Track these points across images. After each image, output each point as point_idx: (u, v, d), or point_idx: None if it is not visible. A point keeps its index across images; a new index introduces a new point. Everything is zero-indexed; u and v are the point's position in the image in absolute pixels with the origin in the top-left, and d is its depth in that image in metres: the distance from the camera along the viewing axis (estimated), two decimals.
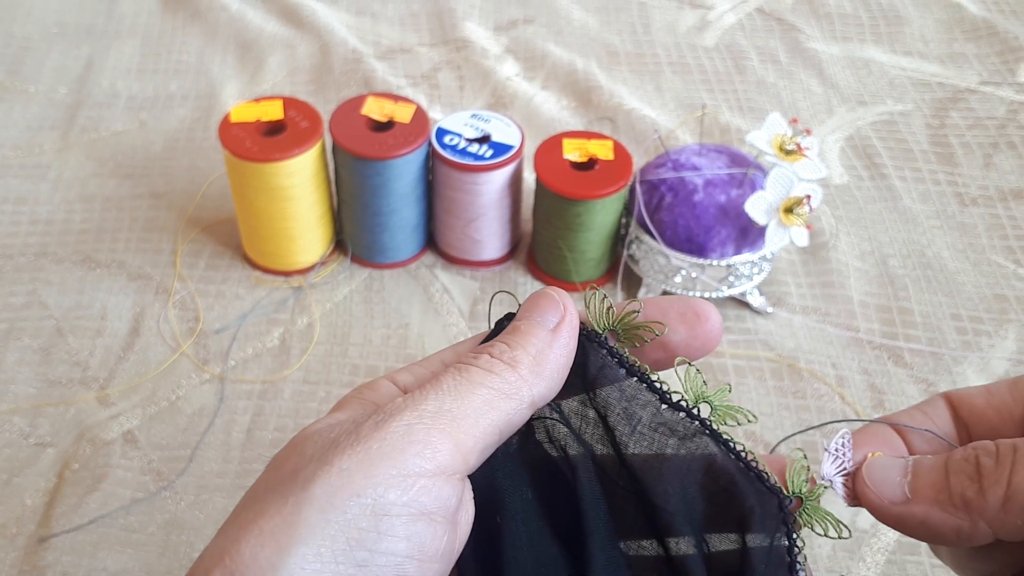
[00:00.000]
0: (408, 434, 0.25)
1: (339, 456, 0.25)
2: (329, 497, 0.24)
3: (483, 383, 0.27)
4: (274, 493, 0.24)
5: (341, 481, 0.24)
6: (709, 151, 0.64)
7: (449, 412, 0.26)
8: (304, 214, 0.64)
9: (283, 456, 0.27)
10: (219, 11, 0.90)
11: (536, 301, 0.31)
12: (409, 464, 0.25)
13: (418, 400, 0.26)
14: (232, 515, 0.25)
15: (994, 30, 0.91)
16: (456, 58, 0.86)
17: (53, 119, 0.79)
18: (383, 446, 0.25)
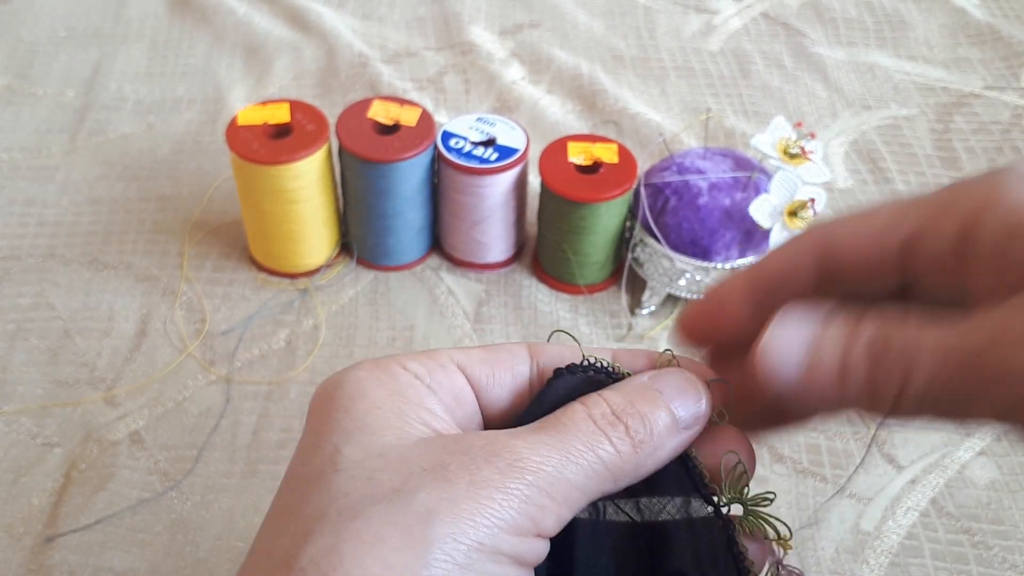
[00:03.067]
0: (529, 499, 0.25)
1: (458, 495, 0.25)
2: (453, 536, 0.24)
3: (600, 453, 0.27)
4: (384, 515, 0.24)
5: (464, 526, 0.24)
6: (713, 154, 0.64)
7: (565, 480, 0.26)
8: (310, 216, 0.64)
9: (361, 458, 0.26)
10: (226, 15, 0.91)
11: (680, 383, 0.30)
12: (524, 525, 0.25)
13: (542, 458, 0.26)
14: (313, 518, 0.25)
15: (998, 35, 0.91)
16: (462, 62, 0.87)
17: (61, 122, 0.79)
18: (506, 498, 0.25)
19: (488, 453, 0.26)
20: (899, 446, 0.58)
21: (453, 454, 0.26)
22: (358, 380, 0.28)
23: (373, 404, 0.27)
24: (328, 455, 0.26)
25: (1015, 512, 0.55)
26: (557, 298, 0.66)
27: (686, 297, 0.64)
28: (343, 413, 0.27)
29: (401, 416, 0.27)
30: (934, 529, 0.54)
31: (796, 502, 0.55)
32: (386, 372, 0.28)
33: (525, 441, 0.26)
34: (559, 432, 0.27)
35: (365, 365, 0.29)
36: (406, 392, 0.28)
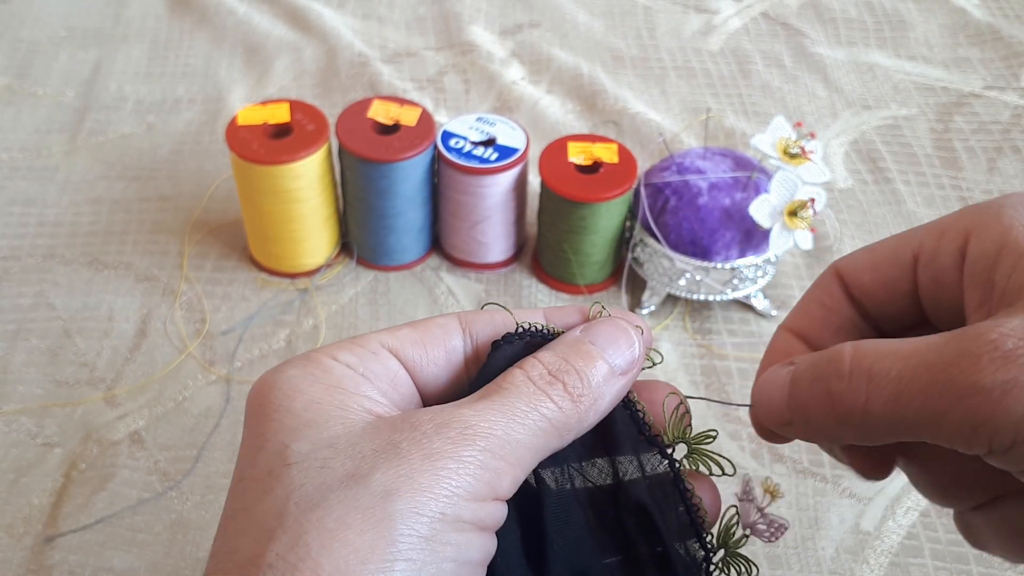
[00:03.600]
0: (483, 464, 0.26)
1: (414, 470, 0.25)
2: (414, 511, 0.24)
3: (543, 412, 0.28)
4: (344, 500, 0.24)
5: (423, 499, 0.25)
6: (713, 154, 0.64)
7: (515, 442, 0.27)
8: (310, 216, 0.64)
9: (310, 450, 0.26)
10: (226, 15, 0.91)
11: (611, 332, 0.31)
12: (482, 491, 0.26)
13: (490, 424, 0.27)
14: (272, 514, 0.25)
15: (998, 35, 0.91)
16: (462, 62, 0.87)
17: (61, 122, 0.79)
18: (461, 466, 0.26)
19: (437, 426, 0.26)
20: None
21: (402, 431, 0.26)
22: (292, 378, 0.28)
23: (311, 399, 0.28)
24: (276, 452, 0.26)
25: None
26: (557, 298, 0.66)
27: (686, 297, 0.64)
28: (283, 412, 0.27)
29: (342, 407, 0.27)
30: (934, 529, 0.54)
31: (796, 502, 0.55)
32: (318, 366, 0.29)
33: (472, 409, 0.27)
34: (502, 396, 0.28)
35: (295, 362, 0.29)
36: (342, 383, 0.28)
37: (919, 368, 0.25)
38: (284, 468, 0.26)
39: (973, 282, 0.27)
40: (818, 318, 0.32)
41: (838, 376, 0.27)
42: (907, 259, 0.30)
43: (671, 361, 0.63)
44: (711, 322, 0.65)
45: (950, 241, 0.28)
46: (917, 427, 0.25)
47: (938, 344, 0.25)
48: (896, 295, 0.30)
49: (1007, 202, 0.27)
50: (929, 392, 0.25)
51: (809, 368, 0.28)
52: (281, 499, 0.25)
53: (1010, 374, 0.23)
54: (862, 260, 0.31)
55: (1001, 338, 0.24)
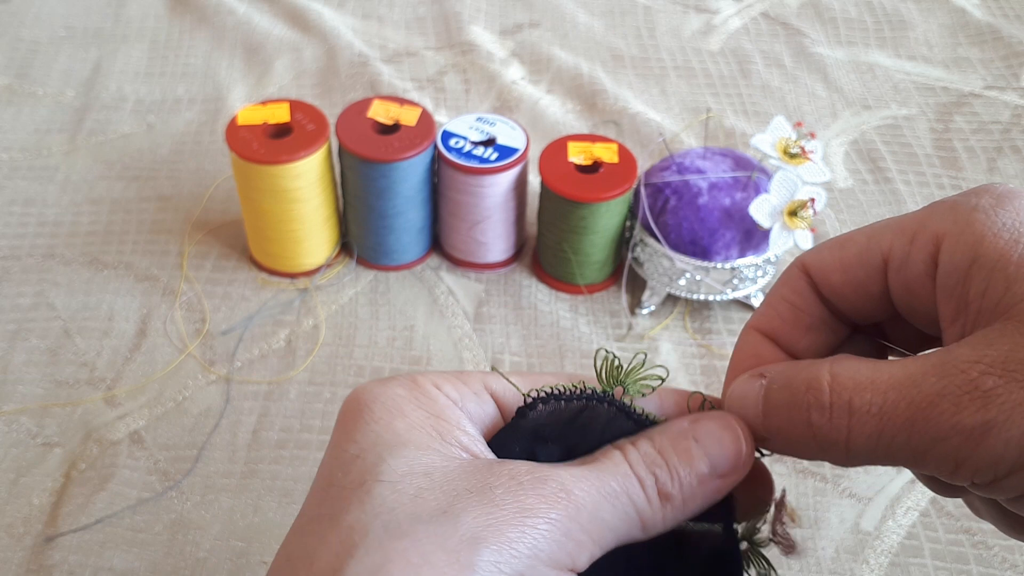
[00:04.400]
0: (569, 532, 0.25)
1: (504, 521, 0.25)
2: (496, 565, 0.24)
3: (633, 498, 0.27)
4: (431, 536, 0.24)
5: (508, 554, 0.24)
6: (713, 154, 0.64)
7: (602, 522, 0.26)
8: (310, 216, 0.64)
9: (405, 472, 0.26)
10: (226, 15, 0.91)
11: (717, 430, 0.29)
12: (562, 560, 0.25)
13: (584, 492, 0.26)
14: (357, 531, 0.24)
15: (998, 35, 0.91)
16: (462, 61, 0.87)
17: (61, 122, 0.79)
18: (550, 529, 0.25)
19: (534, 480, 0.26)
20: None
21: (499, 477, 0.26)
22: (396, 396, 0.28)
23: (413, 422, 0.27)
24: (370, 465, 0.26)
25: None
26: (557, 298, 0.66)
27: (686, 297, 0.64)
28: (383, 426, 0.27)
29: (441, 437, 0.27)
30: (934, 529, 0.54)
31: (796, 502, 0.55)
32: (424, 392, 0.28)
33: (569, 473, 0.26)
34: (597, 471, 0.27)
35: (402, 382, 0.29)
36: (444, 414, 0.28)
37: (900, 404, 0.25)
38: (377, 484, 0.25)
39: (946, 295, 0.27)
40: (788, 317, 0.31)
41: (819, 408, 0.26)
42: (877, 262, 0.29)
43: (671, 361, 0.63)
44: (711, 322, 0.65)
45: (921, 248, 0.28)
46: (899, 460, 0.26)
47: (917, 377, 0.25)
48: (867, 296, 0.29)
49: (980, 204, 0.27)
50: (911, 430, 0.25)
51: (785, 391, 0.28)
52: (368, 517, 0.25)
53: (990, 414, 0.23)
54: (830, 259, 0.30)
55: (981, 377, 0.24)
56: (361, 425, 0.27)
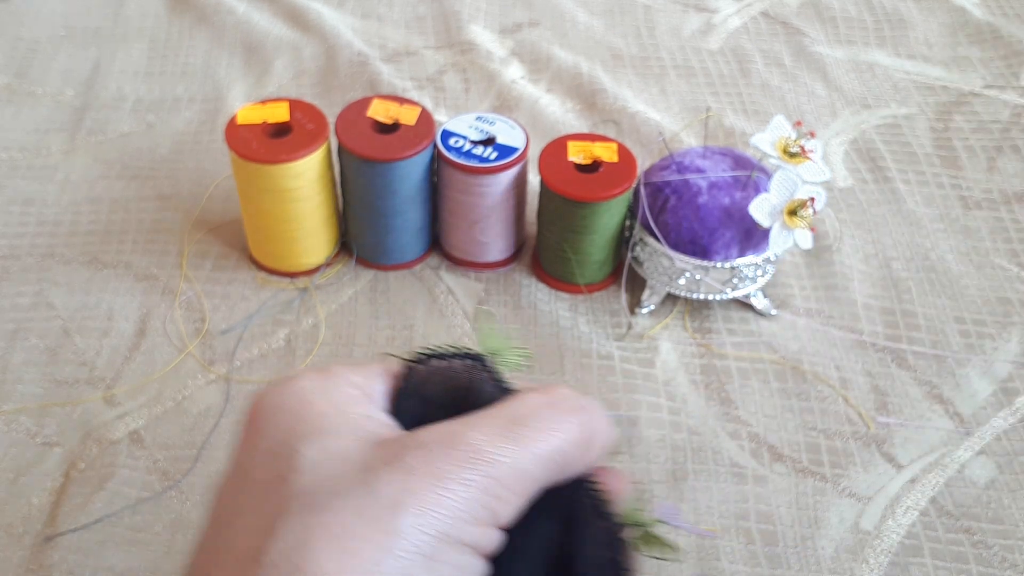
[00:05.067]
0: (487, 490, 0.26)
1: (420, 487, 0.25)
2: (419, 527, 0.24)
3: (555, 443, 0.28)
4: (351, 507, 0.25)
5: (429, 517, 0.25)
6: (713, 154, 0.64)
7: (521, 471, 0.27)
8: (310, 216, 0.64)
9: (321, 459, 0.26)
10: (225, 14, 0.91)
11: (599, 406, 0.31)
12: (484, 516, 0.26)
13: (498, 450, 0.27)
14: (275, 515, 0.25)
15: (998, 34, 0.91)
16: (461, 61, 0.87)
17: (60, 121, 0.79)
18: (467, 490, 0.26)
19: (445, 446, 0.26)
20: (899, 445, 0.58)
21: (410, 448, 0.26)
22: (304, 389, 0.29)
23: (322, 410, 0.28)
24: (286, 456, 0.26)
25: (1015, 511, 0.55)
26: (557, 297, 0.66)
27: (685, 296, 0.64)
28: (294, 418, 0.28)
29: (350, 423, 0.28)
30: (934, 528, 0.54)
31: (796, 501, 0.55)
32: (330, 382, 0.29)
33: (481, 432, 0.27)
34: (516, 423, 0.28)
35: (308, 375, 0.30)
36: (351, 401, 0.29)
37: None
38: (293, 473, 0.26)
39: None
40: None
41: None
42: None
43: (671, 361, 0.63)
44: (711, 321, 0.65)
45: None
46: None
47: None
48: None
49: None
50: None
51: None
52: (285, 502, 0.25)
53: None
54: None
55: None
56: (272, 419, 0.28)
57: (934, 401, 0.61)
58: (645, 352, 0.63)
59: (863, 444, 0.58)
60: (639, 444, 0.33)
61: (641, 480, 0.56)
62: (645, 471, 0.56)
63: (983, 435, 0.59)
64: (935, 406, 0.61)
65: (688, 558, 0.52)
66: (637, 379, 0.61)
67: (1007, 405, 0.61)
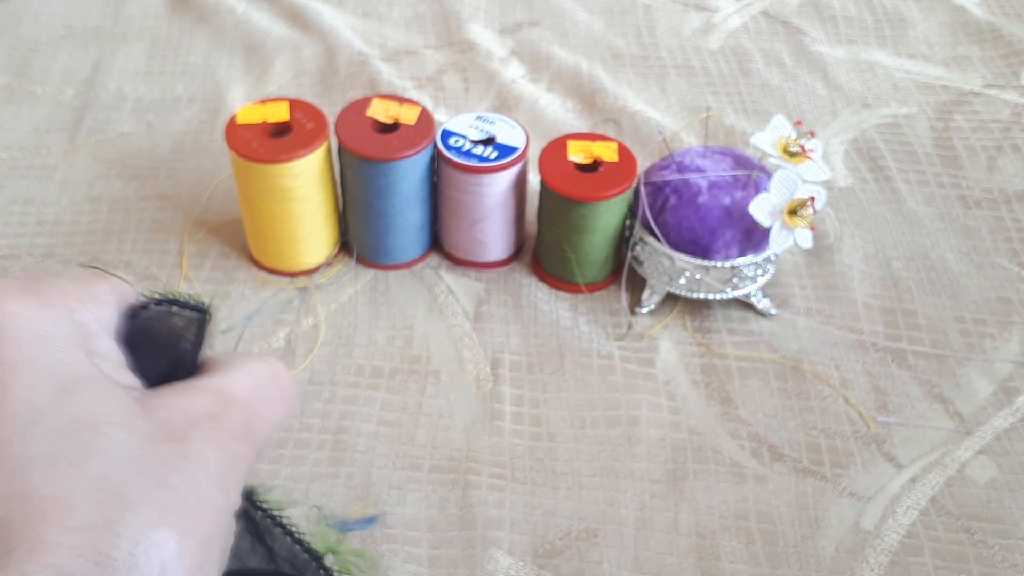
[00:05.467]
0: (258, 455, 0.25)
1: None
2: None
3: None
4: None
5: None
6: (713, 153, 0.64)
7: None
8: (310, 215, 0.64)
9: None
10: (226, 14, 0.91)
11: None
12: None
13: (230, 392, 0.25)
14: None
15: (998, 33, 0.91)
16: (461, 60, 0.87)
17: (61, 121, 0.79)
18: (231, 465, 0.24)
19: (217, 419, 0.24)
20: (899, 445, 0.58)
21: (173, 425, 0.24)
22: (48, 336, 0.24)
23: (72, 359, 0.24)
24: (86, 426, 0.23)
25: (1015, 511, 0.55)
26: (557, 297, 0.66)
27: (686, 296, 0.64)
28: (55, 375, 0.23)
29: (106, 379, 0.24)
30: (934, 528, 0.54)
31: (796, 501, 0.55)
32: (74, 327, 0.24)
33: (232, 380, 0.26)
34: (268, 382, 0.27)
35: (16, 299, 0.24)
36: (95, 347, 0.25)
37: None
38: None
39: None
40: None
41: None
42: None
43: (671, 360, 0.63)
44: (711, 321, 0.65)
45: None
46: None
47: None
48: None
49: None
50: None
51: None
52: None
53: None
54: None
55: None
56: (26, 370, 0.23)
57: (934, 400, 0.61)
58: (645, 352, 0.63)
59: (863, 444, 0.58)
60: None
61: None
62: (646, 471, 0.56)
63: (983, 435, 0.59)
64: (935, 405, 0.60)
65: (688, 558, 0.52)
66: (637, 378, 0.61)
67: (1007, 404, 0.61)
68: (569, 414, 0.59)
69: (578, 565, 0.52)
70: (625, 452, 0.57)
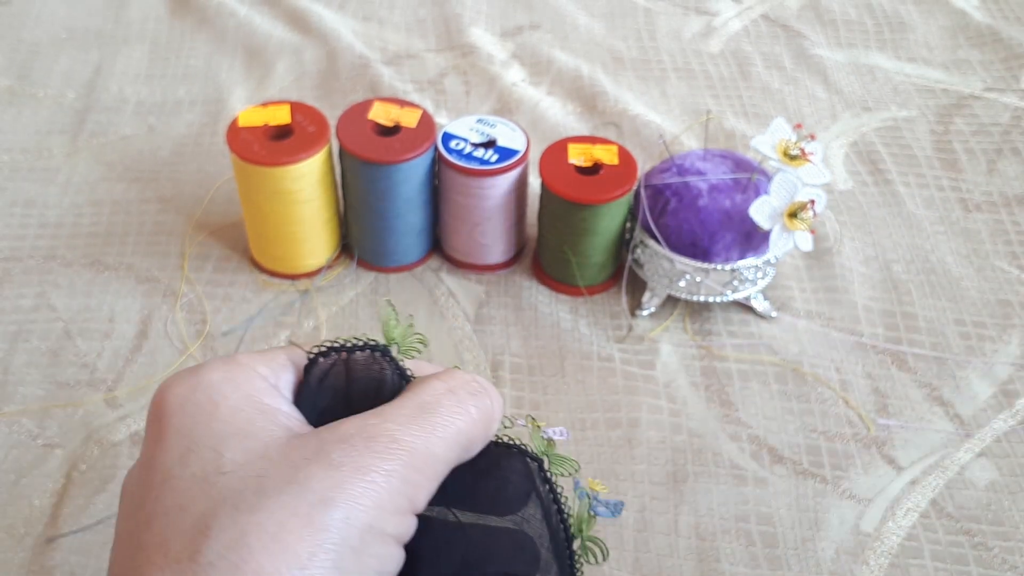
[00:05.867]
0: (406, 479, 0.27)
1: (347, 481, 0.26)
2: (346, 521, 0.25)
3: (459, 425, 0.29)
4: (283, 506, 0.25)
5: (356, 511, 0.26)
6: (714, 156, 0.64)
7: (435, 459, 0.28)
8: (311, 218, 0.64)
9: (245, 461, 0.27)
10: (227, 17, 0.91)
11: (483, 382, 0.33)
12: (403, 505, 0.27)
13: (412, 437, 0.28)
14: (209, 516, 0.25)
15: (998, 37, 0.91)
16: (462, 63, 0.87)
17: (62, 123, 0.80)
18: (388, 480, 0.26)
19: (365, 438, 0.27)
20: (899, 447, 0.58)
21: (332, 443, 0.27)
22: (213, 383, 0.29)
23: (235, 407, 0.28)
24: (210, 459, 0.27)
25: (1015, 513, 0.55)
26: (557, 299, 0.67)
27: (686, 299, 0.64)
28: (208, 416, 0.28)
29: (265, 417, 0.28)
30: (934, 530, 0.54)
31: (796, 503, 0.55)
32: (238, 373, 0.29)
33: (396, 423, 0.28)
34: (424, 410, 0.29)
35: (214, 366, 0.29)
36: (262, 394, 0.29)
37: None
38: (219, 476, 0.26)
39: None
40: None
41: None
42: None
43: (671, 363, 0.63)
44: (711, 324, 0.65)
45: None
46: None
47: None
48: None
49: None
50: None
51: None
52: (216, 501, 0.25)
53: None
54: None
55: None
56: (185, 416, 0.28)
57: (934, 403, 0.61)
58: (646, 354, 0.63)
59: (863, 446, 0.58)
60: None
61: (641, 481, 0.56)
62: (646, 473, 0.56)
63: (983, 437, 0.59)
64: (935, 408, 0.61)
65: (688, 560, 0.53)
66: (638, 381, 0.61)
67: (1007, 407, 0.61)
68: (569, 416, 0.59)
69: None
70: (625, 454, 0.57)
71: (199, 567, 0.24)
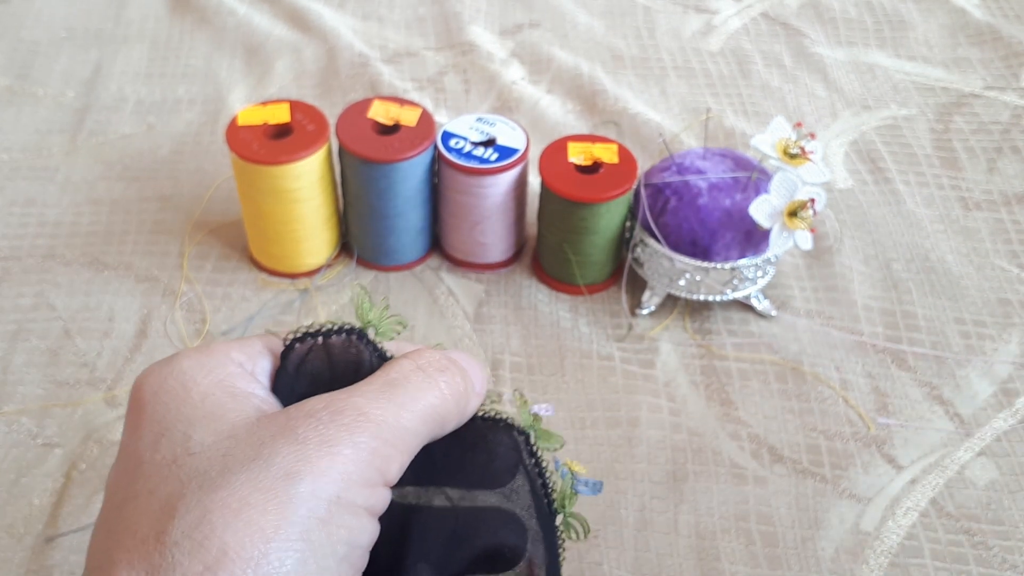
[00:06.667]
0: (375, 450, 0.27)
1: (312, 454, 0.26)
2: (312, 493, 0.26)
3: (430, 400, 0.30)
4: (247, 482, 0.25)
5: (322, 482, 0.26)
6: (713, 155, 0.64)
7: (403, 428, 0.29)
8: (310, 217, 0.64)
9: (213, 441, 0.27)
10: (226, 16, 0.91)
11: (468, 356, 0.34)
12: (373, 477, 0.27)
13: (381, 410, 0.28)
14: (175, 497, 0.25)
15: (998, 35, 0.91)
16: (462, 62, 0.87)
17: (61, 122, 0.80)
18: (356, 452, 0.27)
19: (332, 413, 0.27)
20: (899, 446, 0.58)
21: (298, 419, 0.27)
22: (187, 369, 0.29)
23: (206, 391, 0.29)
24: (179, 441, 0.27)
25: (1015, 512, 0.55)
26: (557, 298, 0.67)
27: (686, 297, 0.64)
28: (180, 401, 0.28)
29: (235, 400, 0.29)
30: (934, 529, 0.54)
31: (796, 502, 0.55)
32: (211, 359, 0.30)
33: (363, 397, 0.28)
34: (392, 386, 0.29)
35: (188, 354, 0.30)
36: (234, 378, 0.29)
37: None
38: (188, 457, 0.27)
39: None
40: None
41: None
42: None
43: (671, 362, 0.63)
44: (711, 322, 0.65)
45: None
46: None
47: None
48: None
49: None
50: None
51: None
52: (182, 482, 0.26)
53: None
54: None
55: None
56: (158, 402, 0.29)
57: (934, 402, 0.61)
58: (645, 353, 0.63)
59: (863, 445, 0.58)
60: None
61: (642, 479, 0.56)
62: (646, 472, 0.56)
63: (983, 436, 0.59)
64: (935, 407, 0.61)
65: (687, 559, 0.53)
66: (637, 380, 0.61)
67: (1007, 406, 0.61)
68: (569, 415, 0.59)
69: (577, 566, 0.52)
70: (625, 453, 0.57)
71: (164, 547, 0.24)
